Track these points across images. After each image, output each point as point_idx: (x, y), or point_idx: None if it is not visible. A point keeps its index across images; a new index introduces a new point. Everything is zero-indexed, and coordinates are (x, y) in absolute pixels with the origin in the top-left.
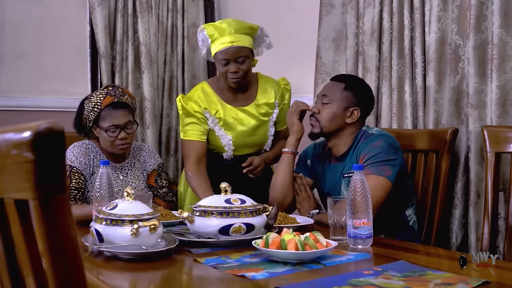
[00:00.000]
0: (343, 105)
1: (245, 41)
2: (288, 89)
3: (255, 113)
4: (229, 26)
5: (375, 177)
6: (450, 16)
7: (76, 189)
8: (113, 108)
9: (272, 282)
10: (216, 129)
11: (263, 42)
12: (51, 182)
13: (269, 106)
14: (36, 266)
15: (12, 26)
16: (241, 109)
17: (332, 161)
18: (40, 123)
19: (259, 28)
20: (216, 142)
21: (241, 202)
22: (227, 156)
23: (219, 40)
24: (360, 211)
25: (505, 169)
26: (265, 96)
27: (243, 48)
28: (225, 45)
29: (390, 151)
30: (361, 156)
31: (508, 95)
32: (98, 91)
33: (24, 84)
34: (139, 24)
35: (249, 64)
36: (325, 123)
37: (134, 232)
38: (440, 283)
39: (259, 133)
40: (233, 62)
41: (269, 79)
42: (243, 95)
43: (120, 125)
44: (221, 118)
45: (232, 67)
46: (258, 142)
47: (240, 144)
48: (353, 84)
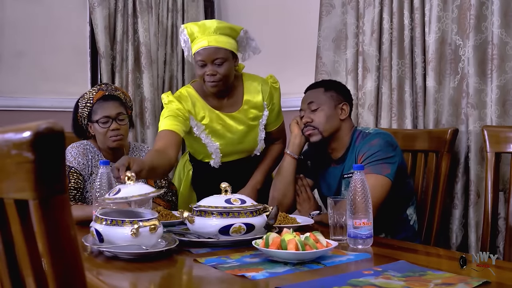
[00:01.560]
0: (332, 104)
1: (224, 43)
2: (277, 87)
3: (244, 118)
4: (209, 25)
5: (374, 176)
6: (450, 16)
7: (75, 189)
8: (104, 101)
9: (272, 282)
10: (202, 137)
11: (249, 46)
12: (51, 182)
13: (257, 109)
14: (36, 266)
15: (12, 26)
16: (229, 115)
17: (331, 164)
18: (40, 123)
19: (242, 30)
20: (202, 149)
21: (241, 202)
22: (215, 164)
23: (197, 40)
24: (360, 211)
25: (505, 169)
26: (252, 98)
27: (221, 49)
28: (202, 45)
29: (388, 149)
30: (360, 155)
31: (508, 95)
32: (91, 89)
33: (24, 84)
34: (139, 24)
35: (229, 67)
36: (323, 127)
37: (134, 232)
38: (440, 283)
39: (249, 140)
40: (210, 64)
41: (256, 78)
42: (228, 100)
43: (111, 116)
44: (207, 125)
45: (209, 69)
46: (247, 149)
47: (228, 152)
48: (330, 84)
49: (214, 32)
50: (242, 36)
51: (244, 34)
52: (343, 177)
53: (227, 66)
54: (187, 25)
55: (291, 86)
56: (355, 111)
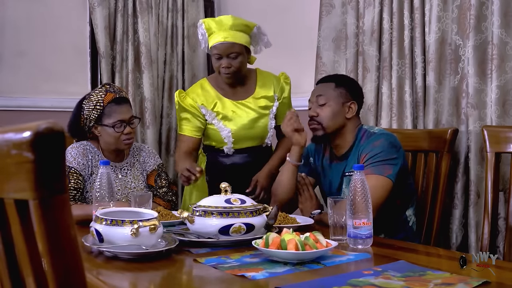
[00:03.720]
0: (340, 101)
1: (239, 38)
2: (288, 82)
3: (254, 106)
4: (225, 22)
5: (375, 177)
6: (450, 16)
7: (75, 189)
8: (116, 104)
9: (272, 282)
10: (215, 122)
11: (261, 41)
12: (51, 182)
13: (268, 99)
14: (36, 266)
15: (12, 25)
16: (240, 103)
17: (334, 160)
18: (40, 123)
19: (256, 26)
20: (215, 136)
21: (241, 202)
22: (228, 150)
23: (214, 35)
24: (360, 211)
25: (505, 169)
26: (263, 89)
27: (236, 44)
28: (219, 40)
29: (392, 150)
30: (363, 155)
31: (508, 95)
32: (96, 90)
33: (24, 84)
34: (139, 24)
35: (242, 60)
36: (327, 123)
37: (134, 232)
38: (440, 283)
39: (259, 126)
40: (226, 57)
41: (269, 74)
42: (241, 88)
43: (126, 119)
44: (219, 112)
45: (224, 62)
46: (259, 135)
47: (240, 137)
48: (342, 80)
49: (230, 28)
50: (255, 32)
51: (257, 30)
52: (344, 174)
53: (241, 59)
54: (205, 20)
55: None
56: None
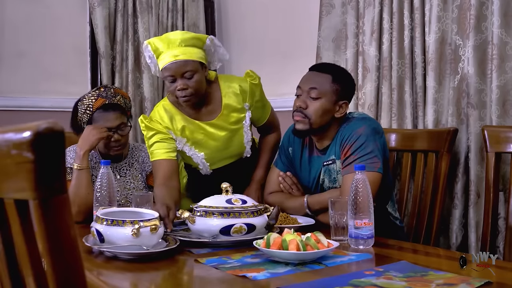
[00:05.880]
0: (333, 98)
1: (192, 54)
2: (256, 83)
3: (225, 124)
4: (173, 38)
5: (366, 174)
6: (450, 16)
7: None
8: (104, 111)
9: (273, 282)
10: (186, 150)
11: (216, 53)
12: (51, 182)
13: (238, 112)
14: (36, 266)
15: (12, 25)
16: (209, 123)
17: (315, 153)
18: (40, 123)
19: (208, 38)
20: (189, 160)
21: (242, 202)
22: (205, 172)
23: (163, 55)
24: (361, 212)
25: (505, 169)
26: (231, 101)
27: (189, 61)
28: (169, 60)
29: (376, 136)
30: (346, 145)
31: (508, 95)
32: (90, 93)
33: (24, 84)
34: (139, 24)
35: (199, 79)
36: (315, 119)
37: (135, 232)
38: (442, 284)
39: (234, 144)
40: (180, 78)
41: (233, 79)
42: (207, 108)
43: (113, 127)
44: (188, 137)
45: (179, 83)
46: (235, 153)
47: (215, 159)
48: (340, 75)
49: (180, 44)
50: (209, 45)
51: (211, 42)
52: (323, 164)
53: (198, 77)
54: (150, 41)
55: (290, 86)
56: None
